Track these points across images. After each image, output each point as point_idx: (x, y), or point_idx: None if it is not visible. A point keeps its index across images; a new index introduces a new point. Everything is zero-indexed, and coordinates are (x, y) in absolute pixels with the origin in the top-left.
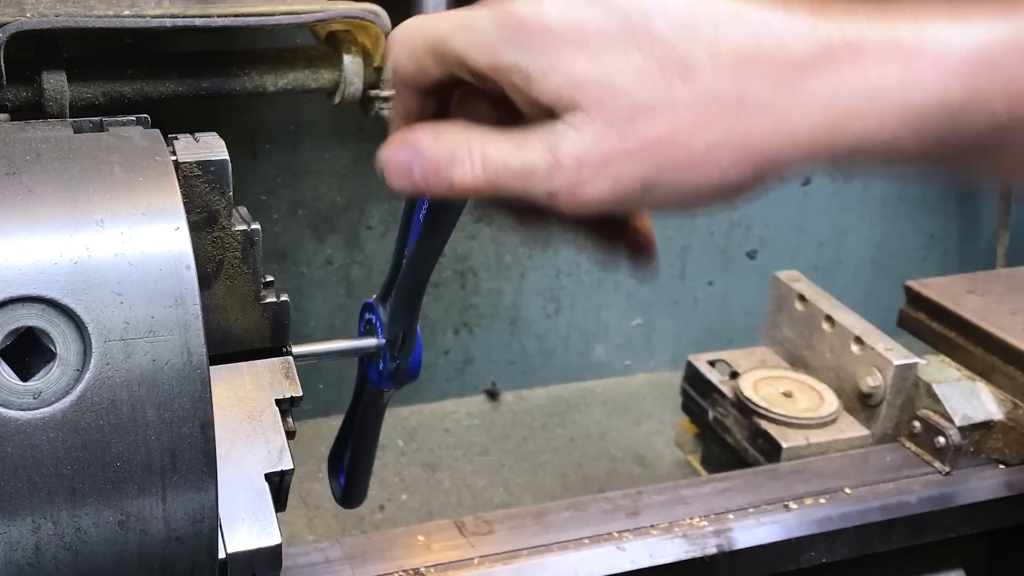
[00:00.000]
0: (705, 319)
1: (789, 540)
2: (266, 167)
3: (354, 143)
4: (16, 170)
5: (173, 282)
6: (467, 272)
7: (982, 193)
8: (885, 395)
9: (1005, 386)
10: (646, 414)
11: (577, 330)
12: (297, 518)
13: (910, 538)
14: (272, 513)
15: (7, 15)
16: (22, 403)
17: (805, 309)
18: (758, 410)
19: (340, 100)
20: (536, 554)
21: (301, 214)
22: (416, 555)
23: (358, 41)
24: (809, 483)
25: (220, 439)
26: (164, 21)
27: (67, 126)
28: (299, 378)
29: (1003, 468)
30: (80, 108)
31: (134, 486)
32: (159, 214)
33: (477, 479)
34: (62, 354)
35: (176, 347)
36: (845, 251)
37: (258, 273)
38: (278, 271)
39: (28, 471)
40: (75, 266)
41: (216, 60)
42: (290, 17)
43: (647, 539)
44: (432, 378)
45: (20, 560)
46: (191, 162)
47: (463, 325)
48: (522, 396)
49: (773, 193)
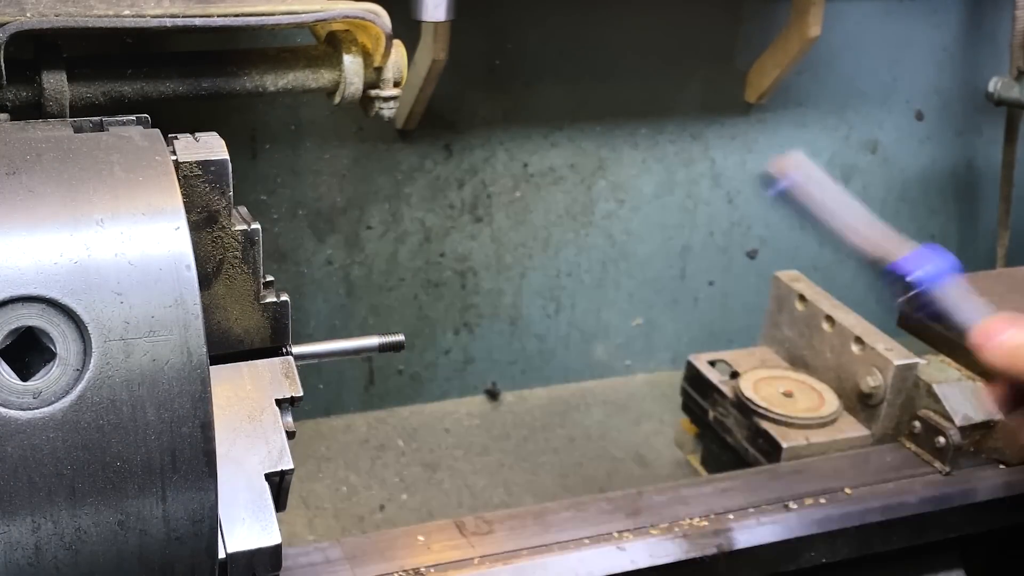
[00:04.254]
0: (705, 319)
1: (789, 540)
2: (266, 167)
3: (354, 143)
4: (16, 170)
5: (173, 282)
6: (467, 272)
7: (982, 194)
8: (885, 395)
9: None
10: (646, 414)
11: (577, 330)
12: (297, 518)
13: (910, 538)
14: (272, 513)
15: (7, 15)
16: (22, 403)
17: (805, 309)
18: (758, 410)
19: (340, 100)
20: (536, 554)
21: (301, 214)
22: (416, 555)
23: (358, 41)
24: (809, 483)
25: (220, 439)
26: (164, 21)
27: (67, 126)
28: (299, 378)
29: (1003, 468)
30: (80, 108)
31: (134, 486)
32: (159, 214)
33: (477, 479)
34: (62, 354)
35: (176, 347)
36: (845, 251)
37: (258, 273)
38: (278, 271)
39: (28, 471)
40: (75, 266)
41: (216, 60)
42: (290, 17)
43: (647, 539)
44: (432, 378)
45: (20, 560)
46: (191, 162)
47: (463, 325)
48: (522, 396)
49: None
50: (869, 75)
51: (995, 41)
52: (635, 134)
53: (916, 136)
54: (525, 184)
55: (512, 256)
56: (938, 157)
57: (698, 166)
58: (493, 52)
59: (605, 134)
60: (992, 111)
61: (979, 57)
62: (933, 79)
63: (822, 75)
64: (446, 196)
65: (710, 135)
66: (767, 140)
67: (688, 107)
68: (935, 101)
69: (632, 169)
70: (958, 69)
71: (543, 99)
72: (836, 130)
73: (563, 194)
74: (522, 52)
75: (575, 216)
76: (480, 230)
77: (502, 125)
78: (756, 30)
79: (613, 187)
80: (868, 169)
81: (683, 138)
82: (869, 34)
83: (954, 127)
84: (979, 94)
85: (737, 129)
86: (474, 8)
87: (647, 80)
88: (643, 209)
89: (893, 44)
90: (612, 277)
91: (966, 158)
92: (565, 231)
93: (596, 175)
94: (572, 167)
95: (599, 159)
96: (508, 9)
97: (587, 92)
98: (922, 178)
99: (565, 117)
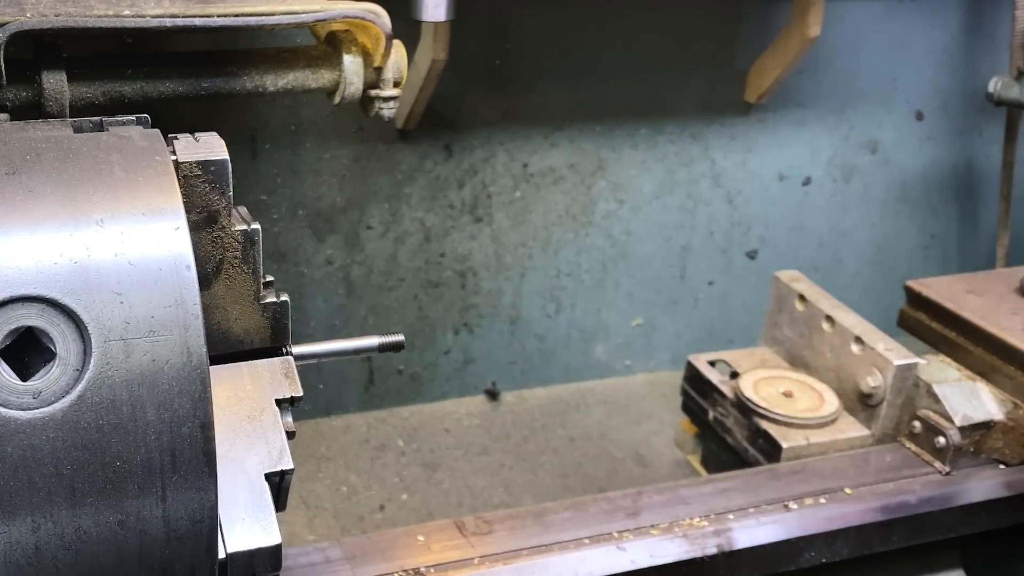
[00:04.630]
0: (705, 319)
1: (789, 540)
2: (266, 167)
3: (354, 143)
4: (16, 170)
5: (173, 282)
6: (467, 272)
7: (982, 194)
8: (885, 395)
9: (1005, 386)
10: (646, 414)
11: (577, 330)
12: (297, 518)
13: (910, 538)
14: (272, 513)
15: (7, 15)
16: (22, 403)
17: (805, 309)
18: (758, 410)
19: (340, 100)
20: (536, 554)
21: (301, 214)
22: (416, 555)
23: (358, 41)
24: (809, 483)
25: (220, 439)
26: (164, 21)
27: (67, 126)
28: (299, 378)
29: (1003, 468)
30: (80, 108)
31: (134, 486)
32: (159, 214)
33: (477, 479)
34: (62, 354)
35: (176, 347)
36: (845, 251)
37: (258, 273)
38: (278, 271)
39: (28, 471)
40: (75, 266)
41: (216, 60)
42: (290, 17)
43: (647, 539)
44: (432, 378)
45: (20, 560)
46: (191, 162)
47: (463, 325)
48: (522, 396)
49: (773, 193)
50: (869, 75)
51: (995, 41)
52: (635, 134)
53: (916, 136)
54: (525, 184)
55: (512, 256)
56: (938, 157)
57: (698, 166)
58: (493, 52)
59: (605, 134)
60: (992, 111)
61: (979, 57)
62: (933, 79)
63: (822, 75)
64: (446, 196)
65: (710, 135)
66: (767, 140)
67: (688, 107)
68: (935, 101)
69: (632, 169)
70: (958, 69)
71: (543, 99)
72: (836, 130)
73: (563, 194)
74: (522, 52)
75: (575, 216)
76: (480, 230)
77: (502, 125)
78: (756, 30)
79: (613, 187)
80: (868, 169)
81: (683, 138)
82: (869, 34)
83: (954, 127)
84: (979, 94)
85: (737, 129)
86: (474, 8)
87: (647, 80)
88: (643, 209)
89: (893, 44)
90: (612, 277)
91: (966, 158)
92: (565, 231)
93: (596, 175)
94: (572, 167)
95: (599, 159)
96: (508, 9)
97: (587, 92)
98: (922, 178)
99: (565, 117)
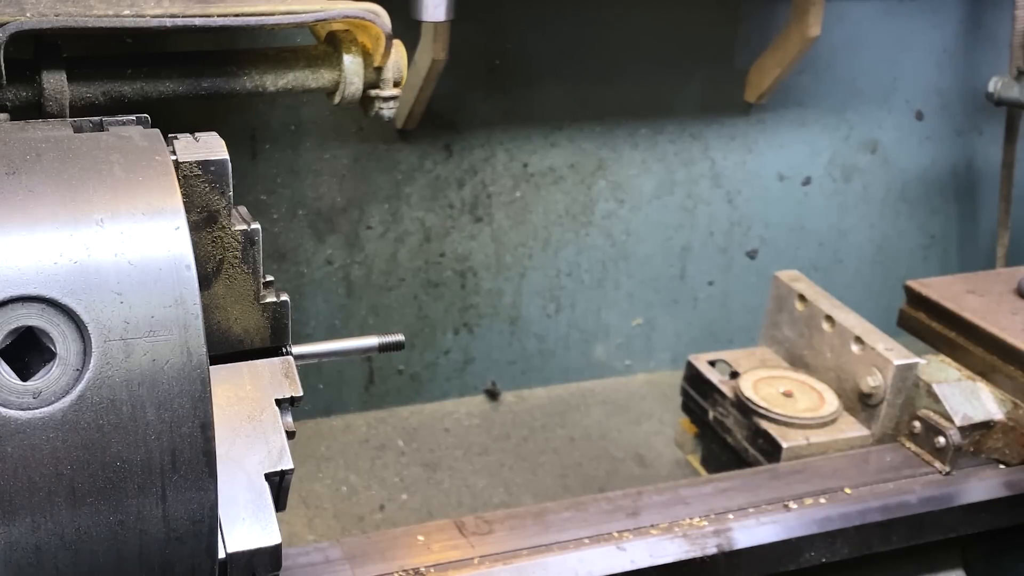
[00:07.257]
0: (705, 319)
1: (789, 540)
2: (266, 167)
3: (354, 143)
4: (16, 170)
5: (173, 282)
6: (467, 272)
7: (982, 194)
8: (885, 395)
9: (1005, 386)
10: (646, 414)
11: (577, 330)
12: (297, 518)
13: (910, 538)
14: (272, 513)
15: (7, 15)
16: (22, 403)
17: (805, 309)
18: (758, 410)
19: (340, 100)
20: (536, 554)
21: (301, 214)
22: (416, 555)
23: (358, 41)
24: (809, 483)
25: (220, 439)
26: (164, 21)
27: (67, 126)
28: (299, 378)
29: (1003, 468)
30: (80, 108)
31: (134, 486)
32: (159, 214)
33: (477, 479)
34: (62, 354)
35: (176, 347)
36: (845, 251)
37: (258, 273)
38: (278, 271)
39: (28, 471)
40: (75, 266)
41: (216, 60)
42: (290, 17)
43: (647, 539)
44: (432, 378)
45: (20, 560)
46: (191, 162)
47: (463, 325)
48: (522, 396)
49: (773, 193)
50: (869, 75)
51: (995, 41)
52: (635, 134)
53: (916, 136)
54: (525, 184)
55: (512, 256)
56: (938, 157)
57: (698, 166)
58: (493, 52)
59: (605, 134)
60: (992, 111)
61: (979, 57)
62: (933, 79)
63: (822, 75)
64: (446, 196)
65: (710, 135)
66: (767, 140)
67: (688, 107)
68: (935, 101)
69: (632, 169)
70: (958, 69)
71: (543, 99)
72: (836, 130)
73: (563, 194)
74: (522, 52)
75: (575, 216)
76: (480, 230)
77: (502, 125)
78: (756, 30)
79: (613, 187)
80: (868, 169)
81: (683, 138)
82: (869, 34)
83: (954, 127)
84: (979, 94)
85: (737, 129)
86: (474, 8)
87: (647, 80)
88: (643, 209)
89: (893, 44)
90: (612, 277)
91: (966, 158)
92: (565, 231)
93: (596, 175)
94: (572, 167)
95: (599, 159)
96: (508, 9)
97: (587, 92)
98: (922, 178)
99: (565, 117)
